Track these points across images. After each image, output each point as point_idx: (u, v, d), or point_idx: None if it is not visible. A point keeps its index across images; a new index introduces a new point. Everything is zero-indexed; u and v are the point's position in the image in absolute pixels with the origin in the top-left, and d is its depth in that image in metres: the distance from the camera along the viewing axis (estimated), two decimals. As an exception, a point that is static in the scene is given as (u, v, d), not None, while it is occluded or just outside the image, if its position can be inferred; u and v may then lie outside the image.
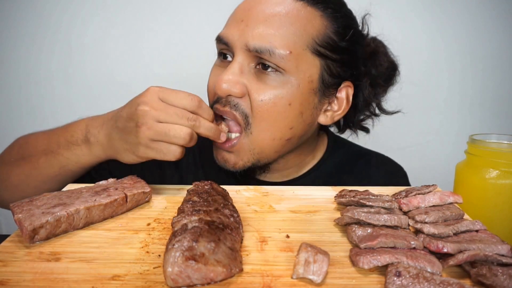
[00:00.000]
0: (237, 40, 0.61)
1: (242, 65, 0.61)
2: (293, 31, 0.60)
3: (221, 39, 0.64)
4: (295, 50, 0.60)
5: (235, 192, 0.56)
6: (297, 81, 0.61)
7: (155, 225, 0.46)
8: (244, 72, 0.61)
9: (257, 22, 0.60)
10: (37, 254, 0.39)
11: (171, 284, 0.33)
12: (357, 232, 0.41)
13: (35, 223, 0.40)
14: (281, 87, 0.61)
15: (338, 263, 0.38)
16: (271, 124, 0.62)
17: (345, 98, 0.68)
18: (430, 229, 0.41)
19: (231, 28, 0.63)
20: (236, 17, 0.64)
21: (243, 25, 0.61)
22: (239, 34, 0.61)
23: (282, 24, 0.60)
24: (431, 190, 0.51)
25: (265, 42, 0.59)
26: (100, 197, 0.46)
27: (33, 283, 0.34)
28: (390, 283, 0.33)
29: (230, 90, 0.61)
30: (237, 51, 0.61)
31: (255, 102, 0.61)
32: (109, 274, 0.36)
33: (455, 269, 0.37)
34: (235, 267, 0.35)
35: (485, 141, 0.60)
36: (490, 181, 0.58)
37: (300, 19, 0.61)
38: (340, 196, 0.52)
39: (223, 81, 0.60)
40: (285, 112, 0.62)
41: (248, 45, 0.60)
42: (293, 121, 0.63)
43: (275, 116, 0.61)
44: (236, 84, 0.60)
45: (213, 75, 0.67)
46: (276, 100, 0.61)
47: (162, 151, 0.54)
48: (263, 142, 0.63)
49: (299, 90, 0.62)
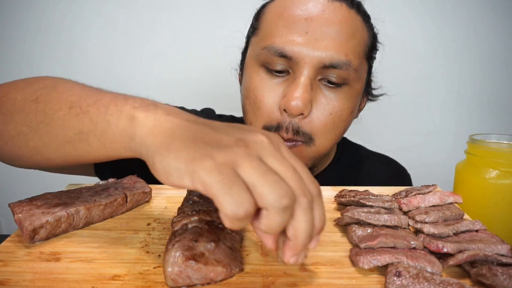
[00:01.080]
0: (307, 55, 0.56)
1: (312, 80, 0.57)
2: (358, 41, 0.59)
3: (281, 51, 0.57)
4: (360, 60, 0.60)
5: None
6: (357, 89, 0.61)
7: (155, 225, 0.46)
8: (313, 87, 0.58)
9: (326, 34, 0.56)
10: (37, 254, 0.39)
11: (171, 284, 0.33)
12: (357, 232, 0.41)
13: (35, 223, 0.40)
14: (347, 98, 0.60)
15: (338, 263, 0.38)
16: (335, 133, 0.62)
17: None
18: (430, 229, 0.41)
19: (295, 39, 0.57)
20: (297, 26, 0.57)
21: (310, 37, 0.56)
22: (308, 47, 0.56)
23: (351, 35, 0.57)
24: (431, 190, 0.52)
25: (342, 55, 0.56)
26: (100, 197, 0.46)
27: (33, 283, 0.34)
28: (390, 283, 0.33)
29: (304, 109, 0.56)
30: (306, 66, 0.56)
31: (323, 117, 0.58)
32: (109, 274, 0.36)
33: (455, 269, 0.37)
34: (235, 267, 0.35)
35: (485, 141, 0.60)
36: (490, 181, 0.58)
37: (357, 28, 0.60)
38: (340, 196, 0.52)
39: (297, 99, 0.55)
40: (347, 120, 0.62)
41: (322, 61, 0.56)
42: (348, 126, 0.65)
43: (340, 125, 0.61)
44: (309, 102, 0.57)
45: (265, 91, 0.60)
46: (343, 112, 0.60)
47: (232, 193, 0.28)
48: (325, 149, 0.63)
49: (358, 97, 0.63)
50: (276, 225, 0.28)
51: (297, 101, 0.55)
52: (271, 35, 0.59)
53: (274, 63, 0.58)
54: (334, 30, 0.57)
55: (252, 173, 0.28)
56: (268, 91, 0.60)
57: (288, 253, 0.30)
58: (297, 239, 0.29)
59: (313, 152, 0.62)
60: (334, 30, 0.57)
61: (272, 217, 0.27)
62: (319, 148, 0.61)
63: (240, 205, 0.26)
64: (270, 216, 0.27)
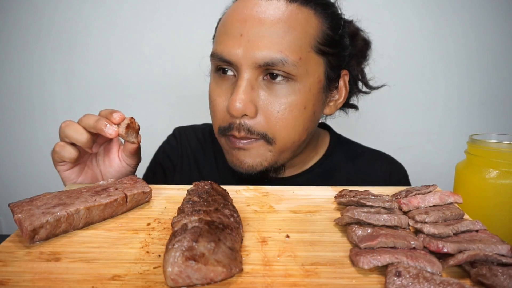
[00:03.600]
0: (242, 58, 0.58)
1: (251, 81, 0.59)
2: (297, 35, 0.59)
3: (220, 57, 0.60)
4: (303, 54, 0.59)
5: (235, 192, 0.56)
6: (308, 85, 0.61)
7: (155, 225, 0.46)
8: (254, 88, 0.60)
9: (259, 35, 0.57)
10: (37, 254, 0.39)
11: (171, 284, 0.33)
12: (357, 232, 0.41)
13: (35, 223, 0.40)
14: (294, 94, 0.60)
15: (338, 263, 0.38)
16: (291, 130, 0.62)
17: (343, 85, 0.69)
18: (430, 229, 0.41)
19: (230, 44, 0.59)
20: (232, 31, 0.60)
21: (244, 40, 0.58)
22: (243, 50, 0.58)
23: (286, 31, 0.58)
24: (431, 190, 0.51)
25: (275, 53, 0.57)
26: (100, 197, 0.46)
27: (33, 283, 0.34)
28: (390, 283, 0.33)
29: (246, 110, 0.59)
30: (244, 69, 0.59)
31: (272, 115, 0.60)
32: (109, 274, 0.36)
33: (455, 269, 0.37)
34: (235, 267, 0.35)
35: (485, 141, 0.60)
36: (490, 181, 0.58)
37: (299, 21, 0.60)
38: (340, 196, 0.52)
39: (236, 101, 0.58)
40: (302, 116, 0.62)
41: (257, 62, 0.58)
42: (308, 122, 0.64)
43: (293, 122, 0.61)
44: (249, 103, 0.59)
45: (217, 95, 0.64)
46: (292, 108, 0.60)
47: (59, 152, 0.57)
48: (284, 147, 0.63)
49: (311, 93, 0.62)
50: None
51: (235, 103, 0.58)
52: (216, 43, 0.64)
53: (216, 66, 0.63)
54: (266, 28, 0.58)
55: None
56: (219, 95, 0.63)
57: None
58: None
59: (276, 148, 0.63)
60: (266, 28, 0.58)
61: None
62: (281, 145, 0.63)
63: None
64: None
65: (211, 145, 0.78)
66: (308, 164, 0.76)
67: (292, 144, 0.64)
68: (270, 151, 0.63)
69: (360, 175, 0.77)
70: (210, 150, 0.78)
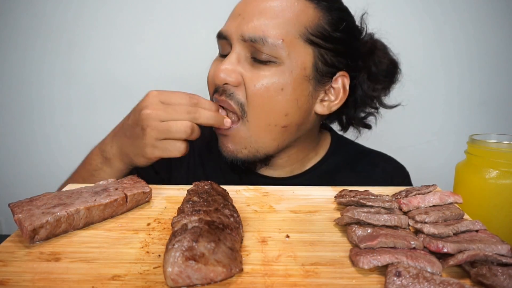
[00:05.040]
0: (234, 32, 0.64)
1: (239, 55, 0.64)
2: (286, 20, 0.63)
3: (220, 33, 0.67)
4: (287, 38, 0.62)
5: (235, 192, 0.56)
6: (289, 68, 0.63)
7: (155, 225, 0.46)
8: (240, 61, 0.64)
9: (252, 15, 0.63)
10: (37, 254, 0.39)
11: (171, 284, 0.33)
12: (357, 232, 0.41)
13: (35, 223, 0.40)
14: (274, 74, 0.63)
15: (338, 263, 0.38)
16: (266, 110, 0.64)
17: (341, 87, 0.69)
18: (430, 229, 0.41)
19: (230, 22, 0.67)
20: (234, 12, 0.67)
21: (240, 18, 0.65)
22: (236, 26, 0.64)
23: (276, 15, 0.63)
24: (431, 190, 0.51)
25: (258, 31, 0.62)
26: (100, 197, 0.46)
27: (33, 283, 0.34)
28: (390, 283, 0.33)
29: (226, 78, 0.63)
30: (234, 42, 0.64)
31: (250, 89, 0.63)
32: (109, 274, 0.36)
33: (455, 269, 0.37)
34: (235, 267, 0.35)
35: (485, 141, 0.60)
36: (490, 181, 0.58)
37: (293, 9, 0.64)
38: (340, 196, 0.52)
39: (220, 71, 0.63)
40: (278, 97, 0.63)
41: (243, 36, 0.63)
42: (288, 107, 0.65)
43: (268, 101, 0.63)
44: (232, 73, 0.63)
45: (213, 67, 0.70)
46: (269, 86, 0.63)
47: (167, 149, 0.60)
48: (259, 128, 0.65)
49: (292, 76, 0.63)
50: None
51: (220, 72, 0.63)
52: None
53: (221, 47, 0.69)
54: (259, 10, 0.63)
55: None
56: (212, 68, 0.70)
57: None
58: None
59: (249, 130, 0.65)
60: (260, 10, 0.63)
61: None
62: (252, 125, 0.65)
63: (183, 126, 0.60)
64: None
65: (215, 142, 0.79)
66: (308, 165, 0.76)
67: (267, 127, 0.65)
68: (246, 137, 0.65)
69: (361, 177, 0.77)
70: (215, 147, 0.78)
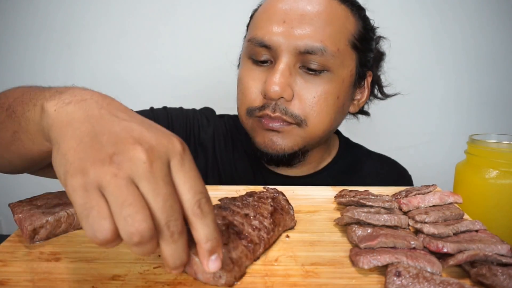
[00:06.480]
0: (283, 43, 0.60)
1: (289, 67, 0.61)
2: (337, 28, 0.62)
3: (260, 41, 0.62)
4: (341, 46, 0.62)
5: (234, 192, 0.56)
6: (341, 76, 0.64)
7: (155, 225, 0.46)
8: (291, 73, 0.62)
9: (302, 23, 0.60)
10: (37, 254, 0.39)
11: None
12: (357, 232, 0.41)
13: (36, 223, 0.40)
14: (329, 82, 0.62)
15: (338, 263, 0.38)
16: (325, 117, 0.64)
17: (366, 86, 0.72)
18: (430, 229, 0.41)
19: (272, 30, 0.61)
20: (275, 18, 0.62)
21: (287, 26, 0.60)
22: (285, 36, 0.60)
23: (327, 23, 0.61)
24: (431, 190, 0.52)
25: (316, 41, 0.60)
26: (100, 197, 0.46)
27: (33, 283, 0.34)
28: (390, 283, 0.33)
29: (283, 93, 0.60)
30: (283, 54, 0.61)
31: (308, 100, 0.62)
32: (109, 274, 0.36)
33: (455, 269, 0.37)
34: (222, 279, 0.33)
35: (485, 141, 0.60)
36: (490, 181, 0.58)
37: (339, 16, 0.63)
38: (340, 196, 0.52)
39: (274, 84, 0.59)
40: (335, 105, 0.64)
41: (298, 47, 0.60)
42: (338, 113, 0.66)
43: (327, 109, 0.63)
44: (287, 87, 0.61)
45: (251, 78, 0.65)
46: (327, 95, 0.62)
47: (91, 214, 0.28)
48: (314, 133, 0.65)
49: (344, 84, 0.64)
50: (140, 253, 0.29)
51: (274, 86, 0.59)
52: (255, 28, 0.65)
53: (258, 54, 0.63)
54: (309, 18, 0.61)
55: (113, 200, 0.27)
56: (253, 79, 0.65)
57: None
58: (166, 265, 0.30)
59: (307, 133, 0.64)
60: (309, 18, 0.61)
61: (131, 248, 0.28)
62: (312, 130, 0.64)
63: (97, 233, 0.27)
64: (130, 247, 0.28)
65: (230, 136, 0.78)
66: (321, 165, 0.77)
67: (323, 131, 0.66)
68: (301, 136, 0.64)
69: (367, 178, 0.78)
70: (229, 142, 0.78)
